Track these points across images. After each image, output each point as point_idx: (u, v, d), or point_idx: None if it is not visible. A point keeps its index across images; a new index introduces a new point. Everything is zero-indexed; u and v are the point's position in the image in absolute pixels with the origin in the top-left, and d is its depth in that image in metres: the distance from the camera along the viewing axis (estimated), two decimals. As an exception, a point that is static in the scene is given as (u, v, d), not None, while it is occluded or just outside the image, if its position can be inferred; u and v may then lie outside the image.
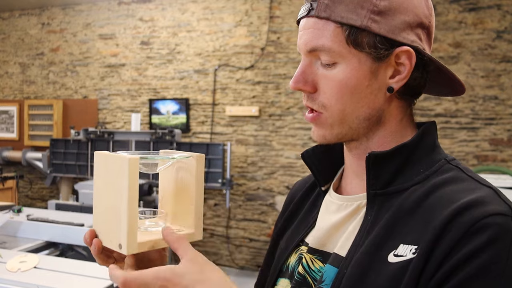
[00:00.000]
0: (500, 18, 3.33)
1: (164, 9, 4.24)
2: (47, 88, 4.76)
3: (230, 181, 3.73)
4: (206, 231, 4.16)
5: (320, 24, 0.60)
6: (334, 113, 0.62)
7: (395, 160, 0.62)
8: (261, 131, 3.95)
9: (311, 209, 0.76)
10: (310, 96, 0.63)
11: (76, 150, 4.09)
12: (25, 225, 2.11)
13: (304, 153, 0.73)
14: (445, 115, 3.48)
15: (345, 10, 0.58)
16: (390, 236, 0.57)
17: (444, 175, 0.60)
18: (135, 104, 4.41)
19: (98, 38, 4.51)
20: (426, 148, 0.64)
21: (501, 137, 3.37)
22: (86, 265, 1.63)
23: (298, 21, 0.66)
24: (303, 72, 0.63)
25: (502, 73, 3.35)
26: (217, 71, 4.06)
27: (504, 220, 0.51)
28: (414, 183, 0.60)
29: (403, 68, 0.60)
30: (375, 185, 0.62)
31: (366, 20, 0.58)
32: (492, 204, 0.53)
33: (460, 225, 0.51)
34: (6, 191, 3.82)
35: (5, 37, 4.94)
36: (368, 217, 0.61)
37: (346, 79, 0.60)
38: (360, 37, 0.58)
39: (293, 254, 0.73)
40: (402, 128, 0.65)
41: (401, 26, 0.59)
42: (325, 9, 0.59)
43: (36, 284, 1.43)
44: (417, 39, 0.60)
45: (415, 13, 0.60)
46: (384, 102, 0.62)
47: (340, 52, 0.59)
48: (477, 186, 0.57)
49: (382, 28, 0.58)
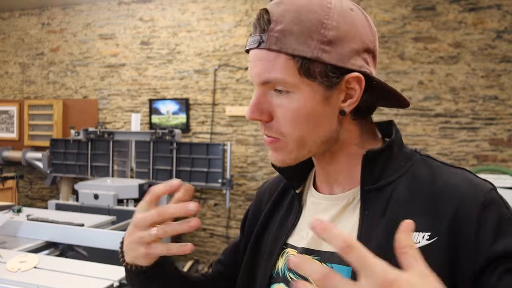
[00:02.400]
0: (500, 18, 3.33)
1: (164, 9, 4.24)
2: (47, 88, 4.76)
3: (230, 181, 3.73)
4: (206, 231, 4.16)
5: (272, 57, 0.61)
6: (292, 140, 0.64)
7: (384, 156, 0.66)
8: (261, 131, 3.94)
9: (288, 212, 0.77)
10: (267, 125, 0.65)
11: (76, 150, 4.09)
12: (25, 225, 2.11)
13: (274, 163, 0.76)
14: (445, 115, 3.48)
15: (295, 42, 0.59)
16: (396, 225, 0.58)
17: (422, 164, 0.66)
18: (135, 104, 4.41)
19: (98, 38, 4.51)
20: (399, 143, 0.69)
21: (501, 137, 3.37)
22: (86, 265, 1.63)
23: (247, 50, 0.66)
24: (258, 103, 0.64)
25: (502, 73, 3.35)
26: (217, 71, 4.06)
27: (496, 194, 0.60)
28: (400, 175, 0.65)
29: (354, 92, 0.63)
30: (369, 181, 0.65)
31: (316, 51, 0.59)
32: (481, 184, 0.61)
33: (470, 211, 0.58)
34: (6, 191, 3.82)
35: (5, 37, 4.94)
36: (366, 212, 0.63)
37: (301, 107, 0.61)
38: (312, 68, 0.60)
39: (279, 258, 0.73)
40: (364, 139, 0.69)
41: (349, 53, 0.61)
42: (275, 42, 0.60)
43: (36, 284, 1.43)
44: (365, 63, 0.63)
45: (361, 40, 0.62)
46: (338, 124, 0.65)
47: (293, 83, 0.60)
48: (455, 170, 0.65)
49: (332, 57, 0.60)
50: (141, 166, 3.91)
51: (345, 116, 0.65)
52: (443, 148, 3.49)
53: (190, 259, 4.03)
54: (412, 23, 3.53)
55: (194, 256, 4.15)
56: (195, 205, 0.60)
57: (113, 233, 1.98)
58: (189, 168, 3.75)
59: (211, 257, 4.12)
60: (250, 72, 0.65)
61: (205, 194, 4.15)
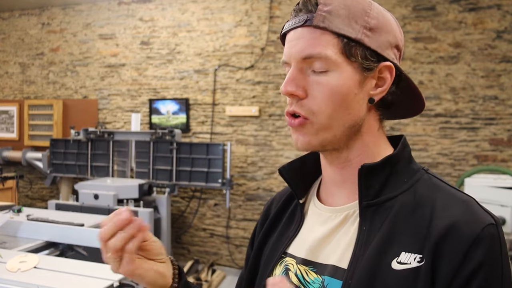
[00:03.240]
0: (500, 18, 3.33)
1: (164, 9, 4.24)
2: (47, 88, 4.76)
3: (230, 181, 3.73)
4: (206, 231, 4.16)
5: (317, 34, 0.63)
6: (322, 119, 0.64)
7: (384, 171, 0.66)
8: (261, 131, 3.95)
9: (290, 221, 0.77)
10: (299, 102, 0.65)
11: (76, 150, 4.09)
12: (25, 225, 2.11)
13: (281, 169, 0.75)
14: (445, 115, 3.48)
15: (341, 23, 0.63)
16: (391, 244, 0.61)
17: (427, 183, 0.65)
18: (135, 104, 4.41)
19: (98, 38, 4.51)
20: (406, 159, 0.69)
21: (501, 137, 3.37)
22: (86, 265, 1.63)
23: (283, 35, 0.69)
24: (294, 78, 0.65)
25: (502, 73, 3.35)
26: (217, 71, 4.06)
27: (495, 230, 0.58)
28: (401, 192, 0.65)
29: (384, 81, 0.66)
30: (368, 196, 0.65)
31: (360, 34, 0.63)
32: (481, 215, 0.59)
33: (460, 239, 0.57)
34: (6, 191, 3.82)
35: (5, 37, 4.94)
36: (363, 227, 0.64)
37: (339, 85, 0.63)
38: (354, 49, 0.63)
39: (277, 266, 0.73)
40: (378, 139, 0.70)
41: (385, 44, 0.66)
42: (323, 20, 0.63)
43: (36, 284, 1.43)
44: (395, 57, 0.68)
45: (394, 35, 0.67)
46: (366, 112, 0.67)
47: (336, 61, 0.63)
48: (460, 195, 0.63)
49: (372, 42, 0.64)
50: (141, 166, 3.91)
51: (372, 104, 0.66)
52: (443, 148, 3.49)
53: (190, 259, 4.03)
54: (412, 23, 3.53)
55: (194, 256, 4.15)
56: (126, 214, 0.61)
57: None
58: (189, 168, 3.75)
59: (211, 257, 4.12)
60: (290, 51, 0.65)
61: (205, 194, 4.14)
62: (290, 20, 0.67)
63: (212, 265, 3.94)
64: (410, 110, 0.74)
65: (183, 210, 4.21)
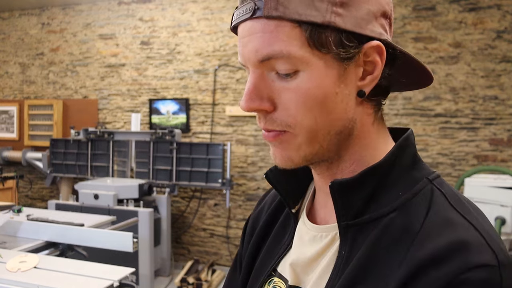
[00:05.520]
0: (500, 18, 3.33)
1: (164, 9, 4.24)
2: (47, 88, 4.76)
3: (230, 181, 3.73)
4: (206, 231, 4.16)
5: (272, 26, 0.48)
6: (303, 131, 0.51)
7: (366, 185, 0.52)
8: (261, 131, 3.93)
9: (281, 233, 0.66)
10: (268, 116, 0.51)
11: (76, 150, 4.09)
12: (25, 225, 2.11)
13: (268, 173, 0.62)
14: (445, 115, 3.48)
15: (301, 5, 0.47)
16: (365, 276, 0.48)
17: (425, 202, 0.50)
18: (135, 104, 4.41)
19: (98, 38, 4.51)
20: (404, 165, 0.54)
21: (501, 137, 3.37)
22: (86, 265, 1.63)
23: (234, 28, 0.54)
24: (255, 88, 0.51)
25: (502, 73, 3.35)
26: (217, 71, 4.07)
27: (488, 274, 0.42)
28: (391, 210, 0.50)
29: (373, 66, 0.51)
30: (346, 216, 0.52)
31: (328, 15, 0.47)
32: (472, 253, 0.43)
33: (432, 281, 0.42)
34: (6, 191, 3.82)
35: (5, 37, 4.94)
36: (342, 252, 0.52)
37: (313, 88, 0.49)
38: (324, 36, 0.47)
39: (265, 285, 0.63)
40: (376, 138, 0.56)
41: (366, 17, 0.49)
42: (276, 6, 0.47)
43: (36, 284, 1.43)
44: (383, 31, 0.51)
45: (374, 4, 0.50)
46: (355, 109, 0.52)
47: (302, 57, 0.48)
48: (461, 223, 0.47)
49: (347, 22, 0.48)
50: (141, 166, 3.91)
51: (363, 98, 0.52)
52: (443, 148, 3.50)
53: (190, 259, 4.03)
54: (412, 23, 3.53)
55: (194, 256, 4.15)
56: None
57: (113, 233, 1.98)
58: (189, 168, 3.75)
59: (211, 257, 4.12)
60: (242, 51, 0.51)
61: (205, 194, 4.14)
62: (237, 8, 0.51)
63: (212, 265, 3.95)
64: (416, 83, 0.59)
65: (183, 210, 4.21)
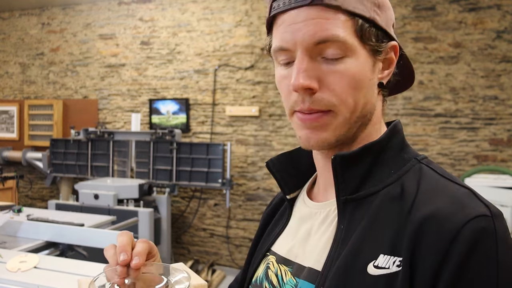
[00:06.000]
0: (500, 18, 3.33)
1: (164, 9, 4.24)
2: (47, 88, 4.76)
3: (230, 181, 3.73)
4: (206, 231, 4.16)
5: (330, 14, 0.54)
6: (345, 110, 0.56)
7: (364, 161, 0.58)
8: (261, 131, 3.95)
9: (280, 217, 0.72)
10: (315, 96, 0.55)
11: (76, 150, 4.09)
12: (25, 225, 2.10)
13: (268, 162, 0.68)
14: (445, 115, 3.48)
15: (354, 1, 0.54)
16: (368, 245, 0.52)
17: (416, 175, 0.56)
18: (135, 104, 4.41)
19: (98, 38, 4.51)
20: (395, 147, 0.60)
21: (501, 137, 3.37)
22: (86, 265, 1.63)
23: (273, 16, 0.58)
24: (307, 68, 0.55)
25: (502, 73, 3.35)
26: (217, 71, 4.06)
27: (486, 223, 0.47)
28: (385, 185, 0.56)
29: (390, 63, 0.60)
30: (345, 190, 0.57)
31: (372, 12, 0.56)
32: (469, 207, 0.49)
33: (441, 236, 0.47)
34: (6, 191, 3.82)
35: (5, 37, 4.94)
36: (341, 226, 0.56)
37: (357, 73, 0.55)
38: (369, 30, 0.55)
39: (260, 265, 0.69)
40: (381, 125, 0.63)
41: (389, 21, 0.59)
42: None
43: (36, 284, 1.43)
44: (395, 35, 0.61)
45: (392, 13, 0.61)
46: (377, 97, 0.61)
47: (352, 45, 0.54)
48: (452, 186, 0.53)
49: (383, 21, 0.57)
50: (141, 166, 3.91)
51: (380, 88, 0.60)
52: (443, 148, 3.49)
53: (190, 259, 4.03)
54: (412, 23, 3.53)
55: (194, 256, 4.15)
56: None
57: (113, 233, 1.98)
58: (189, 168, 3.75)
59: (211, 257, 4.12)
60: (293, 36, 0.55)
61: (205, 194, 4.14)
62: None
63: (212, 265, 3.95)
64: (402, 85, 0.68)
65: (183, 210, 4.21)
